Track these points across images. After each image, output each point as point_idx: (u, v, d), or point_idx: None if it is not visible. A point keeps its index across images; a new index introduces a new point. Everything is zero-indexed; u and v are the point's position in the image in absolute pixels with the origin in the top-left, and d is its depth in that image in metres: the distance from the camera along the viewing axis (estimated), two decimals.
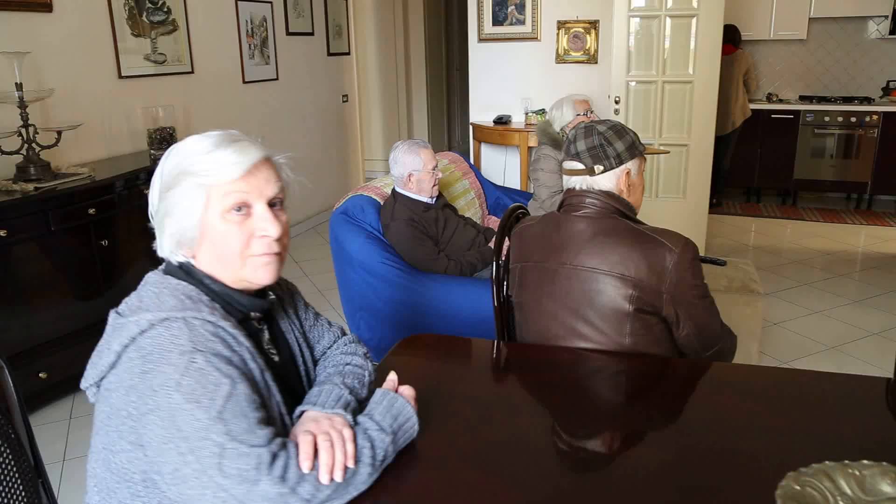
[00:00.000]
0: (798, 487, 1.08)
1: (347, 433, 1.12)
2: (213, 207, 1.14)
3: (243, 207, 1.15)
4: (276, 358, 1.27)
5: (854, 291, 4.45)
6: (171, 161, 1.18)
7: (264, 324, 1.29)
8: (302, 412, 1.18)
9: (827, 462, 1.14)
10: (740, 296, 3.13)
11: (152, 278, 1.19)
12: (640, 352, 1.64)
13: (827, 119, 6.47)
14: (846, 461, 1.14)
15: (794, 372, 2.09)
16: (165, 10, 4.28)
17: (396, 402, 1.22)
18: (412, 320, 2.86)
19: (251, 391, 1.08)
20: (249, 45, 5.10)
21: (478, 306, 2.56)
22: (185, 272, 1.19)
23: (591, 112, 3.57)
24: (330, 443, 1.09)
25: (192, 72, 4.55)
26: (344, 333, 1.45)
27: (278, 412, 1.16)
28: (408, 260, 2.95)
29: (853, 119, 6.38)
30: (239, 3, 4.93)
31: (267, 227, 1.16)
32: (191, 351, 1.05)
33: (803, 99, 6.83)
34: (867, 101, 6.53)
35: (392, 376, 1.29)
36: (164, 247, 1.20)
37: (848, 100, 6.59)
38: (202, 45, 4.61)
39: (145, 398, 1.04)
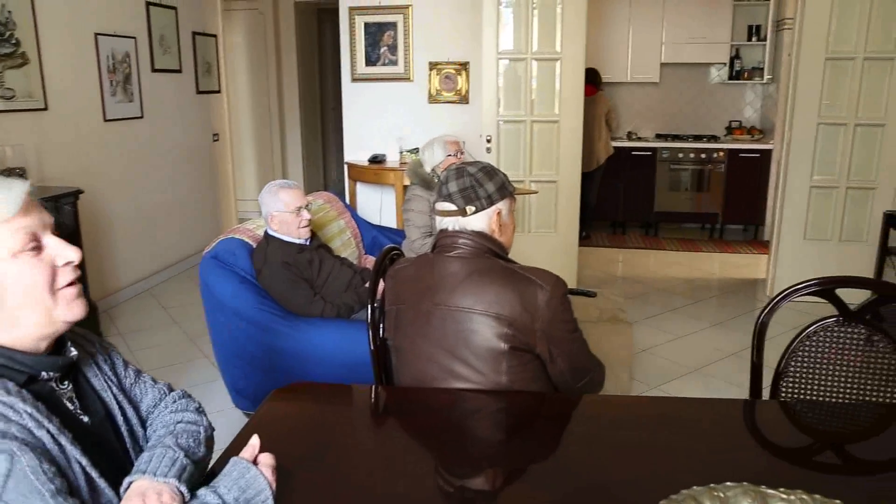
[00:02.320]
0: None
1: None
2: None
3: (32, 242, 1.06)
4: (86, 419, 1.15)
5: (712, 315, 4.76)
6: None
7: (68, 383, 1.16)
8: (131, 483, 1.08)
9: (695, 487, 1.19)
10: (611, 325, 3.27)
11: None
12: (517, 389, 1.65)
13: (681, 156, 6.96)
14: (712, 484, 1.20)
15: (661, 400, 2.20)
16: (14, 41, 3.99)
17: (248, 472, 1.14)
18: (289, 366, 2.77)
19: (41, 462, 0.97)
20: (111, 81, 4.86)
21: (356, 349, 2.51)
22: None
23: (462, 153, 3.63)
24: None
25: (46, 108, 4.26)
26: (172, 390, 1.36)
27: (84, 478, 1.04)
28: (283, 304, 2.86)
29: (703, 155, 6.91)
30: (99, 37, 4.70)
31: (68, 253, 1.08)
32: None
33: (659, 137, 7.32)
34: (714, 139, 7.10)
35: (254, 441, 1.20)
36: None
37: (698, 138, 7.14)
38: (57, 80, 4.34)
39: None
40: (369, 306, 1.89)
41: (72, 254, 1.09)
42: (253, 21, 7.81)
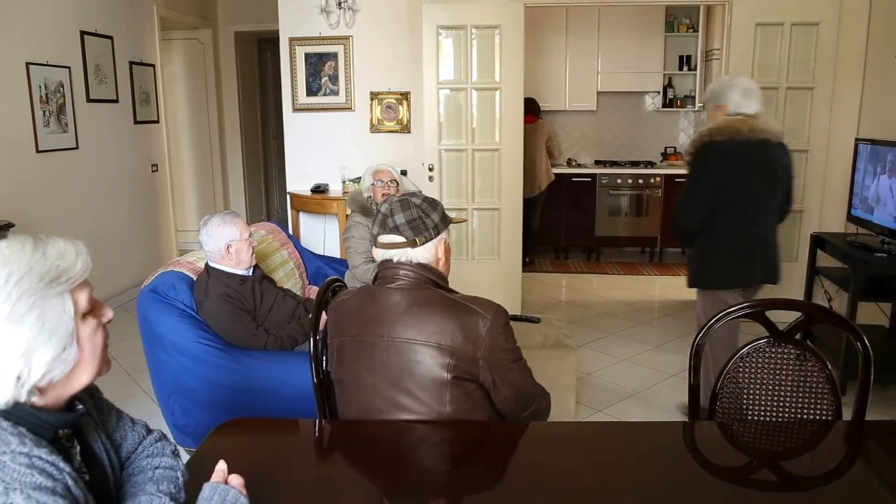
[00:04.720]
0: None
1: None
2: (77, 312, 1.05)
3: (92, 302, 1.10)
4: (87, 477, 1.12)
5: (654, 338, 4.86)
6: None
7: (74, 440, 1.13)
8: None
9: None
10: (555, 350, 3.30)
11: None
12: (462, 419, 1.66)
13: (619, 181, 7.14)
14: None
15: (605, 425, 2.23)
16: None
17: (228, 494, 1.16)
18: (232, 401, 2.71)
19: None
20: (44, 111, 4.73)
21: (300, 382, 2.47)
22: None
23: (393, 182, 3.65)
24: None
25: None
26: (149, 431, 1.34)
27: None
28: (225, 337, 2.81)
29: (641, 181, 7.10)
30: (30, 66, 4.57)
31: (108, 312, 1.11)
32: (2, 493, 0.92)
33: (598, 163, 7.50)
34: (650, 164, 7.32)
35: (221, 465, 1.22)
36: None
37: (635, 164, 7.34)
38: None
39: None
40: (311, 339, 1.87)
41: (111, 312, 1.11)
42: (192, 50, 7.72)
